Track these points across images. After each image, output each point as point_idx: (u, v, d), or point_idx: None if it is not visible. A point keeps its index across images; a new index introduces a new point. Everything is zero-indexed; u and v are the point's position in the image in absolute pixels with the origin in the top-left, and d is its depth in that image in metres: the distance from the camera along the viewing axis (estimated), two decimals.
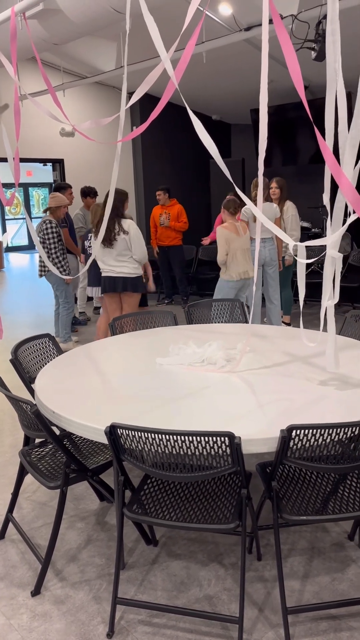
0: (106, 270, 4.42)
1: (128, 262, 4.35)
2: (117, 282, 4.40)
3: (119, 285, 4.41)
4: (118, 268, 4.36)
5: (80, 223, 6.67)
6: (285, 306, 5.88)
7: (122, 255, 4.31)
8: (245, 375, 2.39)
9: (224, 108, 9.47)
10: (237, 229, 4.71)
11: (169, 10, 4.83)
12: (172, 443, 1.74)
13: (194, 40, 2.22)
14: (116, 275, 4.39)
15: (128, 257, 4.33)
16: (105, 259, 4.36)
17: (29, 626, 1.98)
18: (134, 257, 4.35)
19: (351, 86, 1.83)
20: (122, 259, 4.32)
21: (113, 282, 4.42)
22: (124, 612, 2.03)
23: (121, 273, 4.37)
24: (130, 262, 4.35)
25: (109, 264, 4.36)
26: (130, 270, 4.37)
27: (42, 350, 2.94)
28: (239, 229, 4.72)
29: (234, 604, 2.04)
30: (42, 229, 5.32)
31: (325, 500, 1.96)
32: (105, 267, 4.41)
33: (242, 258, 4.76)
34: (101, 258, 4.39)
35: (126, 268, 4.36)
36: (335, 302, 2.20)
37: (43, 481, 2.19)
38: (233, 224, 4.71)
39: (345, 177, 1.85)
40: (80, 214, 6.72)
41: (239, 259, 4.74)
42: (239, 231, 4.72)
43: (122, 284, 4.40)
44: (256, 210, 2.14)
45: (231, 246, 4.69)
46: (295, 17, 3.84)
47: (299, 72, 1.87)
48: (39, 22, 4.17)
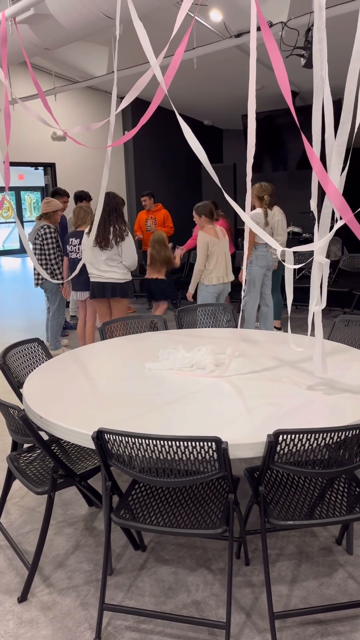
0: (95, 275, 4.38)
1: (118, 267, 4.32)
2: (106, 287, 4.37)
3: (108, 291, 4.37)
4: (107, 273, 4.33)
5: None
6: (275, 311, 5.90)
7: (112, 260, 4.29)
8: (234, 380, 2.39)
9: (216, 113, 9.52)
10: (217, 233, 4.70)
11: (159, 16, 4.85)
12: (159, 448, 1.74)
13: (183, 46, 2.24)
14: (105, 281, 4.35)
15: (118, 262, 4.31)
16: (95, 263, 4.33)
17: (15, 633, 1.97)
18: (124, 263, 4.33)
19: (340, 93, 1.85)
20: (112, 263, 4.30)
21: (102, 288, 4.38)
22: (111, 618, 2.02)
23: (110, 279, 4.34)
24: (120, 267, 4.33)
25: (99, 268, 4.34)
26: (120, 276, 4.34)
27: (31, 355, 2.93)
28: (218, 233, 4.72)
29: (221, 609, 2.04)
30: (41, 234, 5.26)
31: (312, 504, 1.97)
32: (95, 272, 4.36)
33: (223, 262, 4.76)
34: (90, 262, 4.35)
35: (116, 273, 4.33)
36: (323, 307, 2.21)
37: (31, 487, 2.18)
38: (212, 228, 4.70)
39: (332, 184, 1.86)
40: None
41: (220, 263, 4.74)
42: (219, 235, 4.71)
43: (111, 290, 4.37)
44: (245, 216, 2.15)
45: (212, 250, 4.68)
46: (284, 25, 3.88)
47: (286, 79, 1.89)
48: (30, 26, 4.17)
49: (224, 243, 4.74)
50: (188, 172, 9.79)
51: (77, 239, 5.01)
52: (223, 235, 4.75)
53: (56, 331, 5.59)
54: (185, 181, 9.84)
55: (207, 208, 4.71)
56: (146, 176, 9.08)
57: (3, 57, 3.11)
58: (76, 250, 5.02)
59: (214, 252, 4.67)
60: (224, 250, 4.73)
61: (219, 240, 4.69)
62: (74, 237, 5.02)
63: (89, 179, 8.18)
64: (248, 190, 2.22)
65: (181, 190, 9.66)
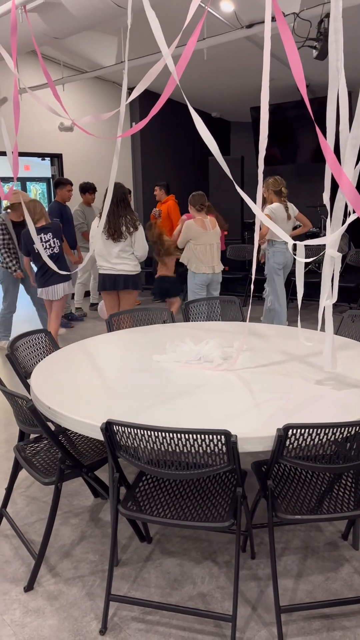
0: (105, 268, 4.34)
1: (129, 259, 4.31)
2: (119, 279, 4.34)
3: (120, 283, 4.35)
4: (119, 265, 4.30)
5: (81, 219, 6.64)
6: None
7: (125, 252, 4.27)
8: (241, 374, 2.38)
9: (224, 105, 9.45)
10: (205, 224, 4.75)
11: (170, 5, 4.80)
12: (168, 440, 1.74)
13: (196, 36, 2.21)
14: (117, 273, 4.32)
15: (129, 254, 4.30)
16: (107, 255, 4.29)
17: (22, 622, 1.98)
18: (136, 254, 4.32)
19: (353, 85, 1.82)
20: (124, 255, 4.28)
21: (114, 280, 4.35)
22: (117, 609, 2.02)
23: (122, 270, 4.31)
24: (132, 259, 4.32)
25: (110, 260, 4.30)
26: (131, 268, 4.33)
27: (39, 346, 2.92)
28: (207, 224, 4.76)
29: (227, 602, 2.04)
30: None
31: (319, 499, 1.96)
32: (105, 265, 4.32)
33: (209, 253, 4.78)
34: (101, 254, 4.32)
35: (127, 265, 4.31)
36: (334, 302, 2.20)
37: (38, 477, 2.18)
38: (202, 219, 4.75)
39: (346, 177, 1.84)
40: (79, 210, 6.69)
41: (206, 253, 4.78)
42: (207, 226, 4.75)
43: (123, 282, 4.35)
44: (256, 209, 2.13)
45: (199, 241, 4.75)
46: (297, 15, 3.83)
47: (301, 70, 1.87)
48: (40, 15, 4.14)
49: (211, 234, 4.78)
50: (195, 164, 9.74)
51: (47, 234, 4.75)
52: (212, 227, 4.79)
53: (2, 321, 5.54)
54: (192, 173, 9.79)
55: (195, 199, 4.82)
56: (153, 167, 9.04)
57: (13, 46, 3.09)
58: (50, 245, 4.77)
59: (202, 242, 4.71)
60: (212, 242, 4.77)
61: (206, 231, 4.74)
62: (43, 233, 4.74)
63: (95, 170, 8.15)
64: (259, 182, 2.20)
65: (188, 182, 9.62)
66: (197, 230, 4.73)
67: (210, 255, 4.81)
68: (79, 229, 6.62)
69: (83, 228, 6.64)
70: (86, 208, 6.74)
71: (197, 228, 4.72)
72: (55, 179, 6.77)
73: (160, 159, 9.20)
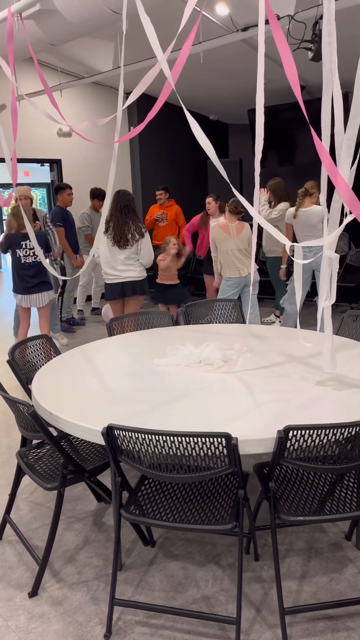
0: (111, 277, 4.32)
1: (135, 266, 4.32)
2: (126, 287, 4.34)
3: (128, 290, 4.35)
4: (125, 272, 4.30)
5: (86, 222, 6.69)
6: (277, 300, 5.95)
7: (130, 259, 4.28)
8: (242, 376, 2.39)
9: (222, 108, 9.47)
10: (228, 229, 4.75)
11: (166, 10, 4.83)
12: (169, 444, 1.74)
13: (191, 40, 2.22)
14: (124, 281, 4.32)
15: (135, 261, 4.31)
16: (113, 262, 4.28)
17: (27, 627, 1.98)
18: (142, 261, 4.33)
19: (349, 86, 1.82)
20: (130, 262, 4.28)
21: (121, 289, 4.34)
22: (122, 613, 2.03)
23: (129, 277, 4.31)
24: (137, 265, 4.33)
25: (116, 267, 4.28)
26: (137, 274, 4.34)
27: (40, 351, 2.93)
28: (231, 229, 4.76)
29: (231, 604, 2.04)
30: None
31: (322, 500, 1.96)
32: (112, 272, 4.31)
33: (234, 257, 4.79)
34: (107, 260, 4.31)
35: (134, 272, 4.32)
36: (332, 303, 2.20)
37: (40, 482, 2.18)
38: (227, 224, 4.74)
39: (342, 178, 1.85)
40: (86, 213, 6.74)
41: (230, 258, 4.80)
42: (231, 231, 4.76)
43: (131, 289, 4.35)
44: (253, 212, 2.14)
45: (222, 246, 4.76)
46: (292, 18, 3.84)
47: (295, 73, 1.87)
48: (36, 22, 4.16)
49: (236, 240, 4.78)
50: (194, 167, 9.76)
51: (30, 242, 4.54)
52: (237, 232, 4.78)
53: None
54: (191, 176, 9.81)
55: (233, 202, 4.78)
56: (152, 171, 9.06)
57: (10, 53, 3.11)
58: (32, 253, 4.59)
59: (223, 247, 4.73)
60: (237, 247, 4.78)
61: (229, 235, 4.74)
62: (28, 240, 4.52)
63: (95, 175, 8.17)
64: (256, 185, 2.21)
65: (187, 186, 9.64)
66: (219, 234, 4.74)
67: (235, 260, 4.81)
68: (83, 232, 6.66)
69: (87, 231, 6.68)
70: (94, 213, 6.79)
71: (220, 232, 4.73)
72: (54, 185, 6.80)
73: (159, 162, 9.22)
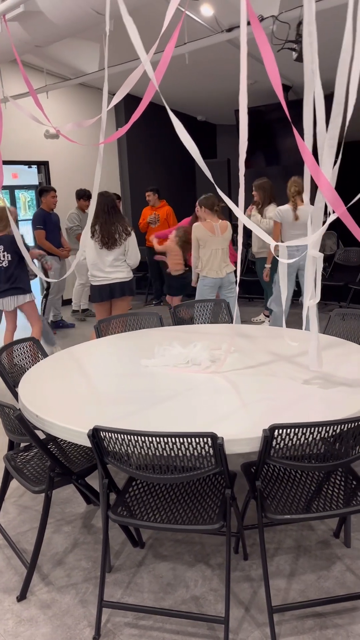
0: (99, 278, 4.31)
1: (122, 267, 4.31)
2: (114, 288, 4.33)
3: (117, 291, 4.34)
4: (113, 274, 4.29)
5: (76, 221, 6.70)
6: (266, 299, 5.96)
7: (118, 260, 4.27)
8: (229, 376, 2.39)
9: (209, 109, 9.49)
10: (213, 228, 4.73)
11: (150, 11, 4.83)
12: (155, 445, 1.74)
13: (174, 41, 2.22)
14: (112, 282, 4.31)
15: (122, 262, 4.30)
16: (100, 264, 4.26)
17: (15, 631, 1.97)
18: (129, 262, 4.33)
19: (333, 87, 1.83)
20: (117, 263, 4.27)
21: (109, 290, 4.33)
22: (110, 615, 2.02)
23: (116, 279, 4.30)
24: (124, 266, 4.32)
25: (103, 269, 4.27)
26: (125, 275, 4.34)
27: (27, 354, 2.92)
28: (216, 228, 4.74)
29: (220, 604, 2.04)
30: None
31: (309, 498, 1.97)
32: (99, 275, 4.29)
33: (218, 256, 4.78)
34: (94, 263, 4.30)
35: (121, 273, 4.31)
36: (317, 301, 2.21)
37: (28, 485, 2.17)
38: (211, 223, 4.72)
39: (324, 177, 1.86)
40: (75, 213, 6.75)
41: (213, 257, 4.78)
42: (216, 231, 4.74)
43: (119, 290, 4.34)
44: (238, 212, 2.14)
45: (206, 245, 4.73)
46: (276, 18, 3.86)
47: (277, 73, 1.88)
48: (20, 24, 4.15)
49: (220, 239, 4.76)
50: (182, 168, 9.77)
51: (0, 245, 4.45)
52: (221, 231, 4.77)
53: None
54: (179, 177, 9.82)
55: (209, 201, 4.75)
56: (140, 172, 9.06)
57: None
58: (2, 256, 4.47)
59: (208, 246, 4.71)
60: (218, 247, 4.75)
61: (214, 235, 4.72)
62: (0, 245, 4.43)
63: (83, 176, 8.15)
64: (241, 185, 2.21)
65: (176, 186, 9.64)
66: (205, 234, 4.71)
67: (215, 260, 4.80)
68: (74, 232, 6.68)
69: (78, 231, 6.68)
70: (81, 213, 6.79)
71: (205, 231, 4.71)
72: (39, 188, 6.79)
73: (147, 163, 9.22)
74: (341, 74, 1.79)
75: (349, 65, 1.79)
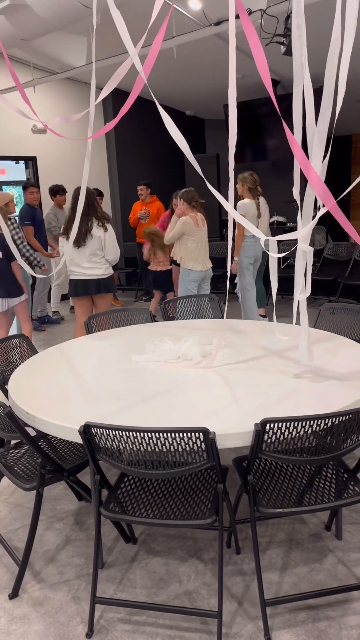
0: (76, 273, 4.27)
1: (100, 263, 4.27)
2: (90, 284, 4.28)
3: (92, 287, 4.29)
4: (90, 270, 4.24)
5: (53, 222, 6.58)
6: (260, 299, 5.93)
7: (95, 255, 4.21)
8: (220, 371, 2.39)
9: (198, 103, 9.46)
10: (197, 221, 4.75)
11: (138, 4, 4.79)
12: (147, 440, 1.73)
13: (162, 34, 2.21)
14: (88, 278, 4.26)
15: (100, 257, 4.25)
16: (77, 259, 4.23)
17: (7, 629, 1.96)
18: (107, 258, 4.27)
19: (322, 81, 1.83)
20: (94, 259, 4.22)
21: (85, 286, 4.28)
22: (104, 611, 2.02)
23: (93, 275, 4.25)
24: (103, 262, 4.27)
25: (81, 265, 4.24)
26: (103, 271, 4.28)
27: (16, 351, 2.90)
28: (199, 221, 4.77)
29: (213, 598, 2.04)
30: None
31: (301, 492, 1.98)
32: (77, 270, 4.26)
33: (203, 249, 4.81)
34: (72, 258, 4.25)
35: (99, 269, 4.26)
36: (307, 296, 2.21)
37: (18, 483, 2.16)
38: (195, 216, 4.74)
39: (314, 171, 1.86)
40: (51, 212, 6.64)
41: (201, 250, 4.81)
42: (199, 223, 4.76)
43: (95, 286, 4.29)
44: (228, 206, 2.14)
45: (193, 238, 4.75)
46: (264, 12, 3.85)
47: (266, 67, 1.87)
48: (6, 17, 4.10)
49: (203, 231, 4.79)
50: (171, 163, 9.74)
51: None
52: (203, 224, 4.80)
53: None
54: (168, 172, 9.79)
55: (189, 195, 4.78)
56: (129, 167, 9.02)
57: None
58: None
59: (195, 239, 4.72)
60: (203, 239, 4.79)
61: (199, 228, 4.75)
62: None
63: (71, 171, 8.10)
64: (231, 180, 2.21)
65: (165, 181, 9.61)
66: (192, 227, 4.72)
67: (203, 253, 4.83)
68: (52, 232, 6.57)
69: (56, 231, 6.58)
70: (58, 210, 6.69)
71: (192, 225, 4.72)
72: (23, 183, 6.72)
73: (136, 158, 9.18)
74: (330, 68, 1.78)
75: (337, 59, 1.78)
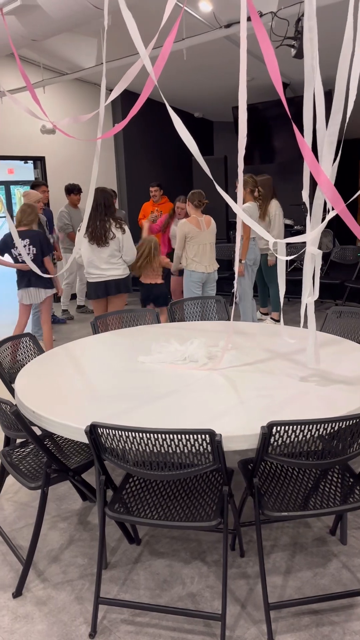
0: (95, 275, 4.28)
1: (118, 264, 4.29)
2: (110, 285, 4.31)
3: (112, 289, 4.32)
4: (109, 271, 4.26)
5: (66, 220, 6.61)
6: (274, 303, 5.90)
7: (113, 257, 4.24)
8: (227, 373, 2.39)
9: (206, 105, 9.46)
10: (199, 223, 4.74)
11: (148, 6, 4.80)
12: (153, 441, 1.73)
13: (173, 36, 2.21)
14: (107, 279, 4.29)
15: (118, 259, 4.28)
16: (96, 261, 4.23)
17: (11, 628, 1.96)
18: (125, 259, 4.31)
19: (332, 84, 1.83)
20: (113, 260, 4.25)
21: (105, 287, 4.31)
22: (107, 612, 2.02)
23: (112, 276, 4.29)
24: (120, 263, 4.30)
25: (99, 266, 4.24)
26: (121, 272, 4.32)
27: (23, 350, 2.91)
28: (201, 223, 4.75)
29: (216, 601, 2.04)
30: None
31: (306, 495, 1.97)
32: (95, 272, 4.27)
33: (206, 251, 4.79)
34: (90, 260, 4.27)
35: (117, 270, 4.29)
36: (315, 299, 2.21)
37: (24, 482, 2.16)
38: (196, 218, 4.73)
39: (324, 174, 1.86)
40: (64, 211, 6.66)
41: (202, 252, 4.79)
42: (202, 225, 4.75)
43: (115, 287, 4.32)
44: (237, 208, 2.14)
45: (193, 240, 4.74)
46: (274, 15, 3.85)
47: (277, 69, 1.87)
48: (17, 18, 4.12)
49: (206, 234, 4.77)
50: (179, 164, 9.75)
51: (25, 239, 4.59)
52: (207, 226, 4.79)
53: None
54: (176, 173, 9.79)
55: (194, 195, 4.79)
56: (137, 168, 9.03)
57: None
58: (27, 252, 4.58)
59: (195, 241, 4.71)
60: (205, 241, 4.76)
61: (200, 230, 4.74)
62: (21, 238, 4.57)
63: (79, 171, 8.12)
64: (240, 182, 2.21)
65: (172, 182, 9.61)
66: (192, 230, 4.72)
67: (204, 255, 4.80)
68: (64, 230, 6.59)
69: (68, 229, 6.61)
70: (72, 209, 6.71)
71: (191, 227, 4.72)
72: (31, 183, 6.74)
73: (144, 159, 9.19)
74: (341, 70, 1.78)
75: (349, 62, 1.78)
